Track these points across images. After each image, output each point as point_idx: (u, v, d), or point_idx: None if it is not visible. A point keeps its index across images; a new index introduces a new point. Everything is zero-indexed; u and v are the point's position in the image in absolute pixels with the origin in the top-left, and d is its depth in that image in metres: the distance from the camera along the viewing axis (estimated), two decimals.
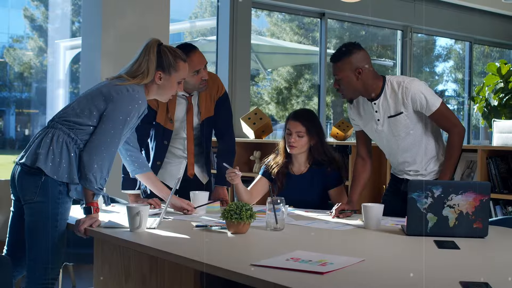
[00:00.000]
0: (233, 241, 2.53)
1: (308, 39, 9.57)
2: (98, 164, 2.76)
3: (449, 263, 2.18)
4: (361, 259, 2.13)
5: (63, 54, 7.11)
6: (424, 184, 2.64)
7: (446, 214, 2.61)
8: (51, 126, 2.86)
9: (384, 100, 3.22)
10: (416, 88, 3.16)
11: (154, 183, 3.29)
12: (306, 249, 2.31)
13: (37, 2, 8.54)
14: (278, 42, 9.62)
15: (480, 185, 2.61)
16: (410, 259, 2.28)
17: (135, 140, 3.21)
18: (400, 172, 3.40)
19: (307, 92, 9.73)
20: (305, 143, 3.58)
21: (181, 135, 3.62)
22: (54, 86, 6.94)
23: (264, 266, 2.04)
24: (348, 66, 3.16)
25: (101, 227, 2.77)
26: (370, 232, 2.79)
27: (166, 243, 2.50)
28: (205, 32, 8.83)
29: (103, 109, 2.83)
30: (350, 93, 3.24)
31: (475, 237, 2.60)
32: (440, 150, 3.31)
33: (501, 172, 4.32)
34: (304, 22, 9.40)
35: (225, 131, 3.73)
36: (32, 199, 2.76)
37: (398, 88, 3.18)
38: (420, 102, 3.15)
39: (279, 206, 2.76)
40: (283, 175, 3.67)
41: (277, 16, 9.53)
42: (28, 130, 9.21)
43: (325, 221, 3.05)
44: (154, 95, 3.02)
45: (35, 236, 2.76)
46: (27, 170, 2.78)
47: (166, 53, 2.97)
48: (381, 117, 3.25)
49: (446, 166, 3.21)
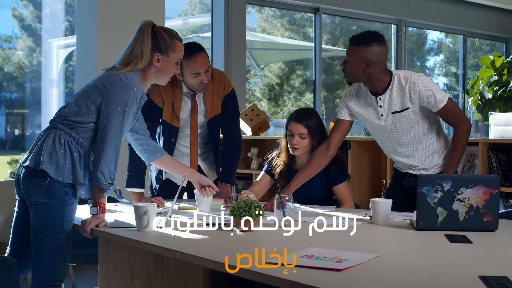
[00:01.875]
0: (243, 239, 2.51)
1: (300, 35, 9.54)
2: (105, 160, 2.72)
3: (464, 258, 2.16)
4: (375, 255, 2.11)
5: (56, 53, 7.06)
6: (434, 178, 2.62)
7: (456, 208, 2.60)
8: (52, 127, 2.82)
9: (390, 95, 3.19)
10: (424, 84, 3.13)
11: (173, 166, 3.22)
12: (316, 245, 2.29)
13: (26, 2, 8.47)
14: (271, 38, 9.59)
15: (490, 178, 2.61)
16: (424, 254, 2.26)
17: (144, 127, 3.12)
18: (403, 166, 3.38)
19: (299, 88, 9.70)
20: (308, 144, 3.55)
21: (187, 132, 3.59)
22: (47, 85, 6.89)
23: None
24: (359, 54, 3.14)
25: (107, 227, 2.73)
26: (379, 227, 2.77)
27: (176, 242, 2.47)
28: (195, 30, 8.78)
29: (99, 102, 2.77)
30: (351, 78, 3.23)
31: (486, 231, 2.59)
32: (442, 144, 3.29)
33: (503, 165, 4.32)
34: (295, 18, 9.37)
35: (232, 128, 3.69)
36: (37, 201, 2.72)
37: (406, 83, 3.15)
38: (428, 98, 3.12)
39: (286, 203, 2.73)
40: (286, 173, 3.64)
41: (267, 12, 9.49)
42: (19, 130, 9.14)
43: (332, 217, 3.02)
44: (153, 79, 2.93)
45: (41, 238, 2.73)
46: (31, 172, 2.75)
47: (162, 33, 2.87)
48: (384, 112, 3.22)
49: (450, 160, 3.20)
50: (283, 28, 9.75)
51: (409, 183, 3.32)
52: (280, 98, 9.92)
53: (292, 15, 9.18)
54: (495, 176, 2.62)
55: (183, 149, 3.61)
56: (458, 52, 10.40)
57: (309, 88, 9.31)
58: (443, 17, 9.08)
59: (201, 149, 3.67)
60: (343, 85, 9.62)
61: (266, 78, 9.82)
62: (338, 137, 3.41)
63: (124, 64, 2.84)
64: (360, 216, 3.05)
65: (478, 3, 9.20)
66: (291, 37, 9.60)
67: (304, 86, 9.51)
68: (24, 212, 2.85)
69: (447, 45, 10.99)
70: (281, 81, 9.82)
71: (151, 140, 3.18)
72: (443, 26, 9.38)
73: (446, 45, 11.00)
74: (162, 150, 3.19)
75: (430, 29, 9.73)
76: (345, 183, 3.57)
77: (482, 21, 9.58)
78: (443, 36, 10.62)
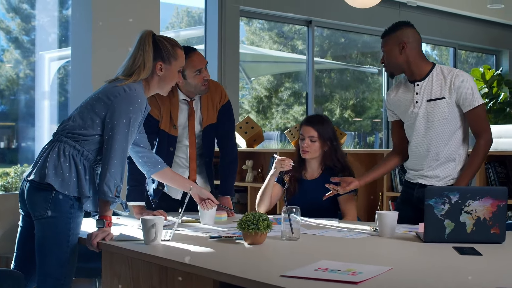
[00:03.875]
0: (253, 252, 2.50)
1: (288, 48, 9.57)
2: (111, 172, 2.70)
3: (477, 270, 2.16)
4: (389, 267, 2.11)
5: (47, 65, 7.03)
6: (441, 190, 2.63)
7: (463, 220, 2.60)
8: (56, 140, 2.80)
9: (429, 83, 3.23)
10: (466, 79, 3.18)
11: (172, 178, 3.23)
12: (327, 258, 2.28)
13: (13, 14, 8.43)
14: (261, 50, 9.62)
15: (497, 190, 2.61)
16: (437, 266, 2.26)
17: (145, 140, 3.11)
18: (413, 176, 3.35)
19: (287, 100, 9.72)
20: (318, 148, 3.57)
21: (184, 142, 3.57)
22: (39, 98, 6.86)
23: (295, 277, 2.01)
24: (393, 40, 3.25)
25: (114, 240, 2.71)
26: (385, 239, 2.77)
27: (185, 255, 2.45)
28: (185, 43, 8.78)
29: (104, 115, 2.76)
30: (392, 67, 3.29)
31: (493, 243, 2.59)
32: (463, 153, 3.26)
33: (500, 177, 4.34)
34: (283, 31, 9.40)
35: (227, 140, 3.70)
36: (43, 215, 2.70)
37: (448, 73, 3.20)
38: (466, 93, 3.15)
39: (293, 216, 2.73)
40: (295, 180, 3.64)
41: (256, 24, 9.51)
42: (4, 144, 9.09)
43: (338, 230, 3.03)
44: (156, 88, 2.93)
45: (47, 252, 2.71)
46: (36, 186, 2.72)
47: (163, 42, 2.88)
48: (420, 99, 3.25)
49: (466, 172, 3.20)
50: (271, 41, 9.78)
51: (418, 194, 3.28)
52: (269, 110, 9.93)
53: (280, 27, 9.21)
54: (503, 188, 2.62)
55: (179, 160, 3.59)
56: (445, 64, 10.48)
57: (297, 101, 9.33)
58: (434, 30, 9.15)
59: (198, 159, 3.65)
60: (331, 97, 9.66)
61: (255, 90, 9.83)
62: (398, 139, 3.47)
63: (127, 75, 2.83)
64: (365, 228, 3.05)
65: (468, 16, 9.29)
66: (280, 50, 9.63)
67: (293, 98, 9.53)
68: (28, 226, 2.83)
69: (433, 58, 11.07)
70: (270, 93, 9.83)
71: (152, 152, 3.17)
72: (434, 38, 9.45)
73: (433, 58, 11.09)
74: (162, 162, 3.17)
75: None
76: (350, 195, 3.57)
77: (472, 33, 9.67)
78: (430, 49, 10.69)
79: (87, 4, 5.26)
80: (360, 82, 10.41)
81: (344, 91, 10.16)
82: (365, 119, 10.35)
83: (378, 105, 10.11)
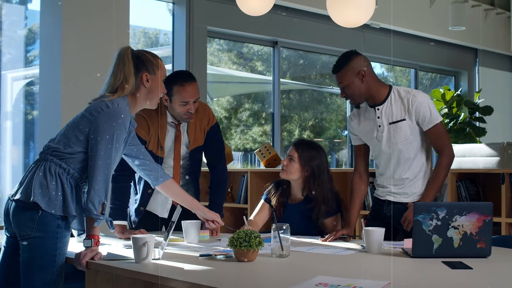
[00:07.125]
0: (246, 269, 2.49)
1: (247, 69, 9.62)
2: (95, 189, 2.66)
3: (472, 283, 2.21)
4: (387, 282, 2.14)
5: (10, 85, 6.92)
6: (429, 206, 2.68)
7: (450, 235, 2.65)
8: (42, 159, 2.76)
9: (389, 106, 3.29)
10: (423, 99, 3.26)
11: (175, 195, 3.26)
12: (321, 274, 2.29)
13: None
14: (224, 71, 9.63)
15: (483, 206, 2.67)
16: (432, 280, 2.29)
17: (143, 151, 3.07)
18: (382, 193, 3.43)
19: (246, 121, 9.75)
20: (296, 170, 3.53)
21: (169, 163, 3.57)
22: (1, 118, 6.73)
23: None
24: (350, 72, 3.26)
25: (103, 260, 2.67)
26: (374, 256, 2.80)
27: (178, 273, 2.43)
28: None
29: (87, 131, 2.73)
30: (357, 97, 3.32)
31: (479, 257, 2.65)
32: (428, 171, 3.36)
33: (471, 194, 4.44)
34: (242, 52, 9.44)
35: (217, 161, 3.71)
36: (29, 234, 2.64)
37: (405, 95, 3.27)
38: (424, 113, 3.23)
39: (283, 233, 2.74)
40: (280, 204, 3.64)
41: (214, 46, 9.54)
42: None
43: (324, 247, 3.05)
44: (143, 101, 2.89)
45: (33, 273, 2.64)
46: (22, 205, 2.67)
47: (144, 54, 2.89)
48: (382, 123, 3.31)
49: (430, 187, 3.29)
50: (230, 62, 9.82)
51: (387, 211, 3.37)
52: (228, 131, 9.94)
53: (240, 48, 9.25)
54: (489, 203, 2.68)
55: None
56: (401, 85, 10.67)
57: (257, 122, 9.36)
58: (396, 51, 9.34)
59: (182, 180, 3.64)
60: (290, 118, 9.72)
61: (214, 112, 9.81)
62: (363, 162, 3.53)
63: (111, 92, 2.81)
64: (351, 245, 3.08)
65: (429, 38, 9.50)
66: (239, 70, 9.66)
67: (251, 119, 9.56)
68: (13, 247, 2.76)
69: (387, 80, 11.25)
70: (229, 114, 9.84)
71: (153, 163, 3.12)
72: (396, 60, 9.64)
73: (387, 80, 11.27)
74: (164, 174, 3.16)
75: (382, 63, 9.97)
76: (335, 216, 3.58)
77: (433, 55, 9.88)
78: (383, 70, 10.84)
79: (56, 25, 5.24)
80: (319, 103, 10.50)
81: (303, 111, 10.23)
82: (325, 140, 10.43)
83: (336, 125, 10.21)
